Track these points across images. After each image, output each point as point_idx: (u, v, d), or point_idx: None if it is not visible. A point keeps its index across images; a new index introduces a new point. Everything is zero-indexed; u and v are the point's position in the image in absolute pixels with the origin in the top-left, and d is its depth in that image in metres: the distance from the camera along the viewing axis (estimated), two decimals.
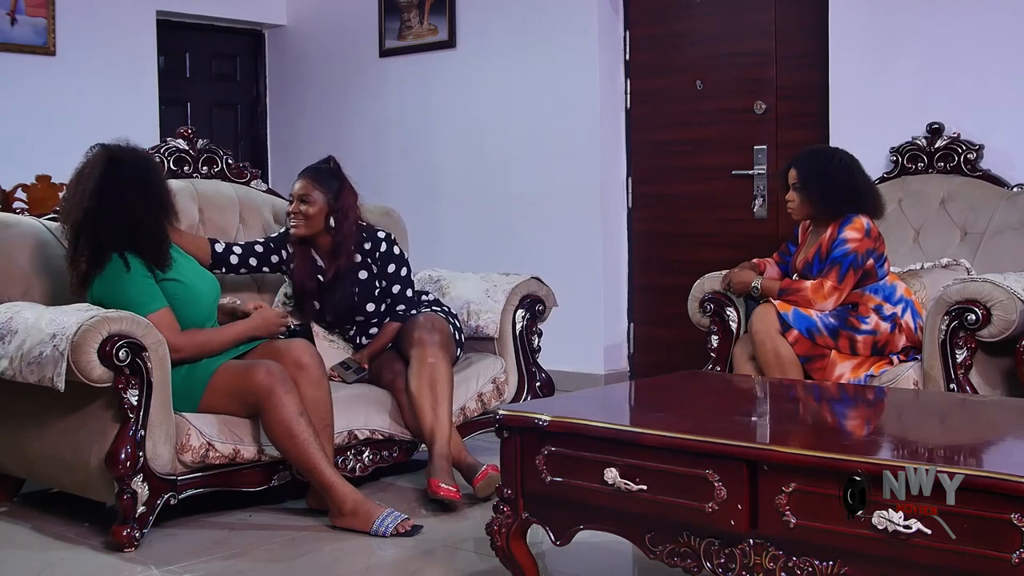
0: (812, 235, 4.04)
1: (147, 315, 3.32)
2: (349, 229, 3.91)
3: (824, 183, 3.92)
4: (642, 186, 5.74)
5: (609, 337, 5.73)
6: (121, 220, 3.38)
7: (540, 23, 5.87)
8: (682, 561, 2.46)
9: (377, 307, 3.97)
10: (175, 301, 3.43)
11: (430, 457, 3.67)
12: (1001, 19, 4.44)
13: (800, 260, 4.01)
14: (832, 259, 3.84)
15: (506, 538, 2.74)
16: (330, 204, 3.90)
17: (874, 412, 3.06)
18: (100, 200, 3.38)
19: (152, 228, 3.43)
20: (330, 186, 3.91)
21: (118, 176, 3.40)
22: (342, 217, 3.90)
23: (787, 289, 3.88)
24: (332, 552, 3.27)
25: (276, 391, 3.34)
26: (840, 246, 3.83)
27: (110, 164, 3.42)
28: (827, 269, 3.84)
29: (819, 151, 4.09)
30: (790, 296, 3.85)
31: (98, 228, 3.38)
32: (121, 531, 3.22)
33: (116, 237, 3.38)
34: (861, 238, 3.83)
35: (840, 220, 3.88)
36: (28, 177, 5.56)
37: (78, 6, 6.07)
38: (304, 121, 7.01)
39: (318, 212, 3.89)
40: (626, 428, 2.66)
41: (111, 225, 3.37)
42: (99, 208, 3.38)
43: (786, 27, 5.18)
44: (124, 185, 3.40)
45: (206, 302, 3.56)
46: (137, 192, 3.41)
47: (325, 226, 3.91)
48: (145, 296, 3.37)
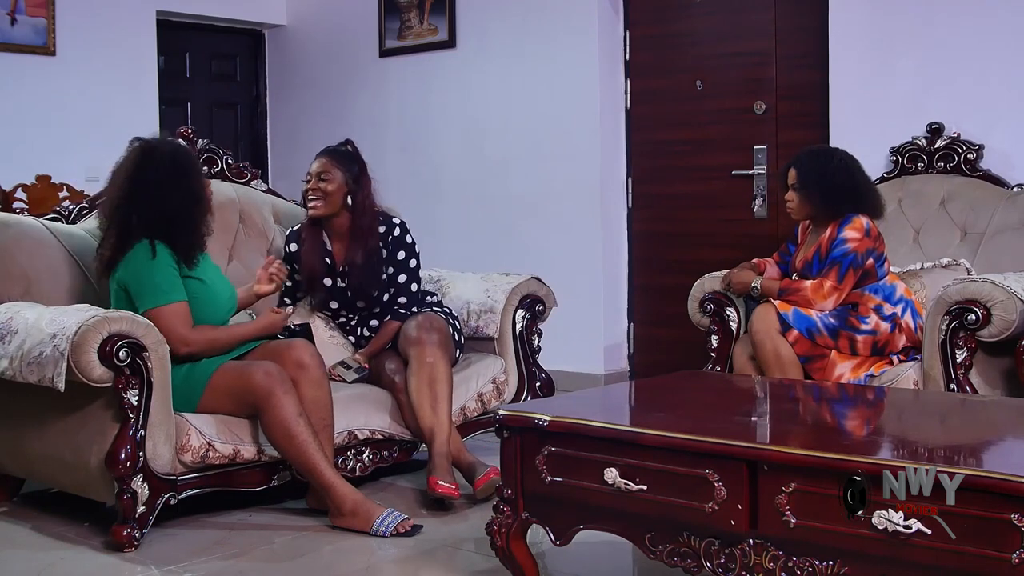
0: (812, 235, 4.04)
1: (166, 304, 3.35)
2: (370, 208, 3.90)
3: (824, 183, 3.92)
4: (642, 186, 5.74)
5: (609, 337, 5.73)
6: (153, 210, 3.39)
7: (540, 23, 5.87)
8: (682, 561, 2.46)
9: (380, 295, 3.95)
10: (194, 299, 3.45)
11: (430, 455, 3.67)
12: (1001, 19, 4.44)
13: (800, 260, 4.01)
14: (832, 259, 3.84)
15: (506, 538, 2.74)
16: (349, 184, 3.88)
17: (874, 412, 3.06)
18: (131, 190, 3.41)
19: (185, 220, 3.44)
20: (349, 167, 3.90)
21: (152, 166, 3.43)
22: (363, 197, 3.89)
23: (787, 289, 3.88)
24: (332, 552, 3.26)
25: (275, 392, 3.34)
26: (840, 246, 3.83)
27: (144, 155, 3.45)
28: (827, 269, 3.84)
29: (819, 151, 4.09)
30: (790, 296, 3.85)
31: (128, 217, 3.40)
32: (121, 531, 3.22)
33: (147, 226, 3.40)
34: (861, 238, 3.83)
35: (840, 220, 3.88)
36: (28, 177, 5.56)
37: (78, 6, 6.07)
38: (304, 121, 7.01)
39: (336, 190, 3.87)
40: (626, 428, 2.66)
41: (142, 214, 3.39)
42: (130, 198, 3.40)
43: (786, 27, 5.18)
44: (158, 175, 3.42)
45: (223, 308, 3.58)
46: (170, 183, 3.43)
47: (343, 205, 3.89)
48: (167, 285, 3.38)
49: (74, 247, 3.75)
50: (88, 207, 3.98)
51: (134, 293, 3.39)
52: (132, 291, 3.39)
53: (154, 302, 3.36)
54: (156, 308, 3.35)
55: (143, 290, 3.36)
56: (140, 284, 3.37)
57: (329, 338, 4.00)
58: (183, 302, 3.41)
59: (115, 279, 3.44)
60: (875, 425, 2.93)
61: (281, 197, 4.57)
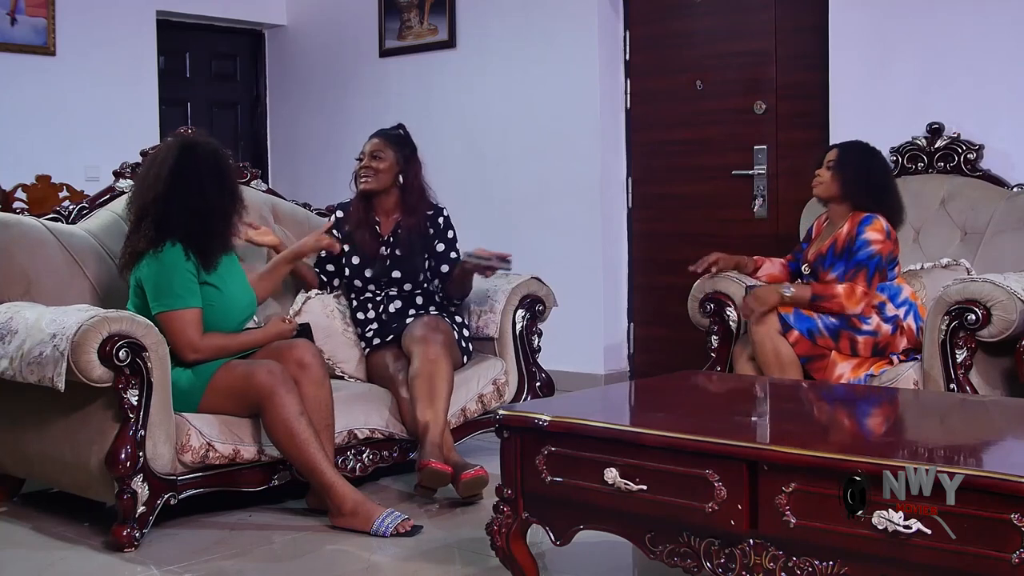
0: (827, 230, 4.05)
1: (180, 308, 3.36)
2: (419, 188, 4.11)
3: (861, 171, 3.95)
4: (642, 186, 5.74)
5: (609, 337, 5.73)
6: (192, 206, 3.40)
7: (540, 23, 5.87)
8: (682, 561, 2.46)
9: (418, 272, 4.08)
10: (209, 307, 3.45)
11: (421, 445, 3.68)
12: (1001, 19, 4.44)
13: (813, 253, 4.02)
14: (857, 261, 3.82)
15: (506, 538, 2.74)
16: (400, 163, 4.08)
17: (874, 412, 3.06)
18: (173, 184, 3.40)
19: (220, 219, 3.46)
20: (401, 148, 4.12)
21: (194, 163, 3.43)
22: (412, 176, 4.10)
23: (820, 295, 3.82)
24: (332, 552, 3.27)
25: (277, 391, 3.35)
26: (864, 248, 3.82)
27: (185, 151, 3.45)
28: (853, 272, 3.82)
29: (868, 145, 4.07)
30: (824, 303, 3.80)
31: (167, 212, 3.40)
32: (121, 531, 3.22)
33: (182, 223, 3.39)
34: (883, 240, 3.84)
35: (860, 216, 3.88)
36: (28, 177, 5.56)
37: (78, 6, 6.07)
38: (304, 121, 7.01)
39: (388, 168, 4.07)
40: (626, 428, 2.66)
41: (180, 211, 3.39)
42: (170, 193, 3.40)
43: (786, 27, 5.18)
44: (200, 171, 3.43)
45: (237, 316, 3.58)
46: (211, 181, 3.44)
47: (394, 183, 4.07)
48: (184, 290, 3.39)
49: (74, 247, 3.75)
50: (88, 207, 3.98)
51: (150, 294, 3.39)
52: (148, 291, 3.40)
53: (169, 305, 3.37)
54: (170, 312, 3.36)
55: (160, 292, 3.37)
56: (157, 286, 3.38)
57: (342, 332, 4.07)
58: (197, 308, 3.41)
59: (135, 275, 3.45)
60: (875, 425, 2.93)
61: (281, 197, 4.57)
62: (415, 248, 4.09)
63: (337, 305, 4.15)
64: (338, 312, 4.12)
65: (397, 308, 4.06)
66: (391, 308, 4.06)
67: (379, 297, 4.09)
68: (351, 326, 4.11)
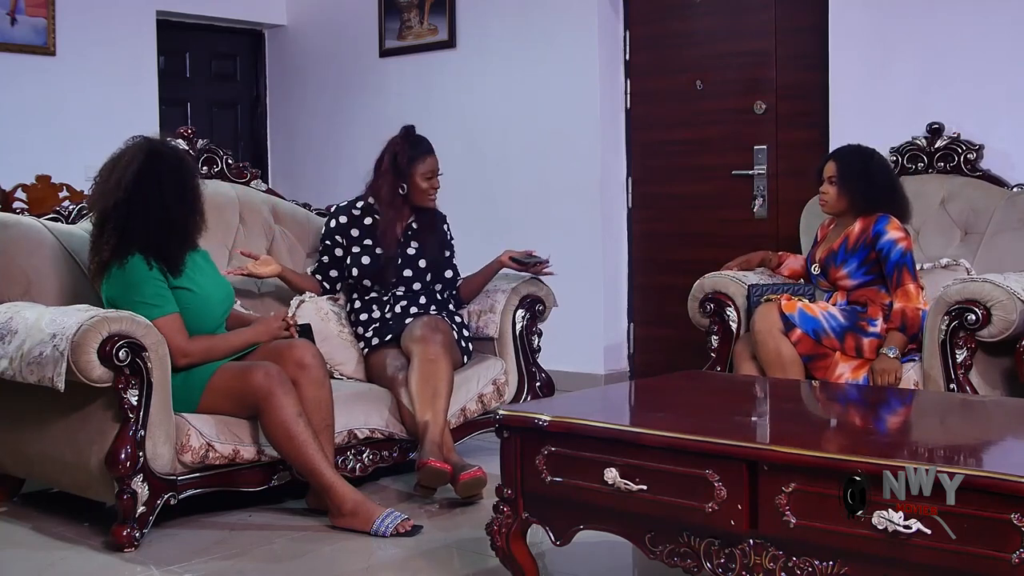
0: (835, 230, 4.06)
1: (157, 318, 3.32)
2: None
3: (865, 179, 3.97)
4: (642, 186, 5.74)
5: (609, 337, 5.73)
6: (152, 216, 3.35)
7: (540, 23, 5.87)
8: (682, 561, 2.46)
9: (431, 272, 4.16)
10: (185, 310, 3.43)
11: (420, 444, 3.68)
12: (1001, 19, 4.44)
13: (822, 251, 4.03)
14: (894, 263, 3.83)
15: (506, 538, 2.74)
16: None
17: (874, 412, 3.06)
18: (135, 192, 3.35)
19: (181, 229, 3.42)
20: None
21: (157, 170, 3.38)
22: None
23: (902, 325, 3.78)
24: (332, 552, 3.27)
25: (275, 392, 3.34)
26: (893, 248, 3.84)
27: (150, 157, 3.39)
28: (896, 276, 3.83)
29: (860, 148, 4.09)
30: (908, 326, 3.77)
31: (128, 220, 3.35)
32: (121, 531, 3.22)
33: (143, 232, 3.35)
34: (905, 235, 3.89)
35: (874, 218, 3.89)
36: (28, 177, 5.56)
37: (78, 6, 6.07)
38: (304, 121, 7.01)
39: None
40: (626, 428, 2.66)
41: (141, 219, 3.35)
42: (132, 200, 3.35)
43: (786, 27, 5.18)
44: (162, 181, 3.38)
45: (216, 311, 3.56)
46: (173, 190, 3.39)
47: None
48: (158, 299, 3.36)
49: (74, 247, 3.75)
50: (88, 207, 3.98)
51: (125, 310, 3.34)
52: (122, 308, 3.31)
53: (146, 316, 3.30)
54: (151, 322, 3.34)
55: (133, 307, 3.30)
56: (130, 302, 3.32)
57: (338, 334, 4.05)
58: (175, 314, 3.39)
59: (105, 288, 3.41)
60: (875, 425, 2.93)
61: (281, 197, 4.56)
62: (433, 243, 4.18)
63: (331, 307, 4.14)
64: (332, 314, 4.11)
65: (402, 307, 4.06)
66: (397, 308, 4.06)
67: (386, 297, 4.09)
68: (347, 327, 4.11)
